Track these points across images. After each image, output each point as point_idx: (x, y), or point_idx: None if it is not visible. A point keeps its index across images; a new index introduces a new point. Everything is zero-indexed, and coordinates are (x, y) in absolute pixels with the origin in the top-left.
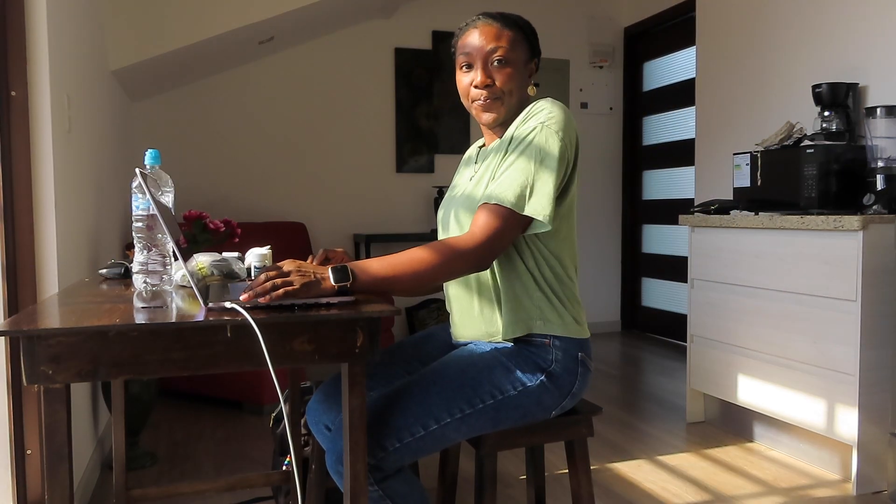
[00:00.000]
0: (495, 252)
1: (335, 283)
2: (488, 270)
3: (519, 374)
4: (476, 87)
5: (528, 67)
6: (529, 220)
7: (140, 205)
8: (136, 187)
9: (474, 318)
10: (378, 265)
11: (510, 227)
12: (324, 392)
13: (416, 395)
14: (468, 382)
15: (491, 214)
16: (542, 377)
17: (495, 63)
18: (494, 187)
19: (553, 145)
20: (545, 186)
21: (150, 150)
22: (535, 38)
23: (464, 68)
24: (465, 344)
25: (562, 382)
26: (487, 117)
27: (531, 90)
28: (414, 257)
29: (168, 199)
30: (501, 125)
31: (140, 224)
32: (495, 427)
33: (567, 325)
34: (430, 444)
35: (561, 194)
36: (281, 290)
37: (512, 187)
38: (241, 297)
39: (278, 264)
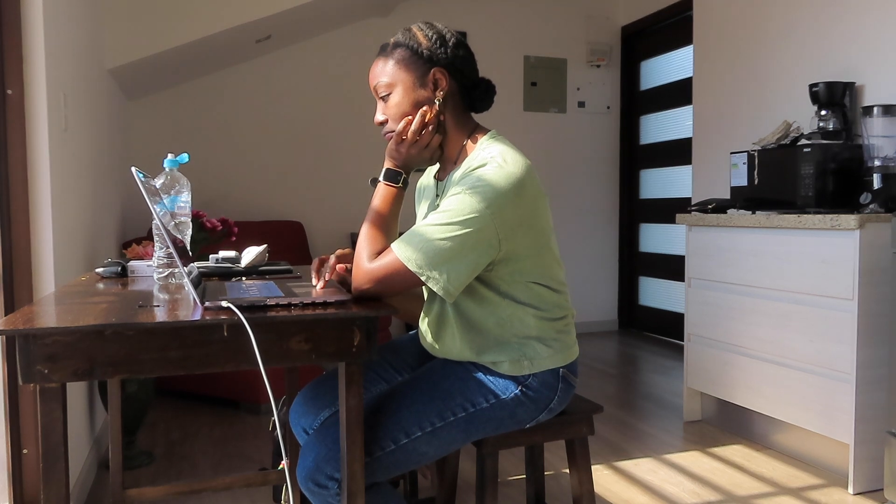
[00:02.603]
0: (385, 296)
1: (384, 179)
2: (463, 319)
3: (492, 386)
4: (377, 125)
5: (425, 81)
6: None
7: (158, 206)
8: (158, 188)
9: (453, 351)
10: (373, 208)
11: (407, 284)
12: (305, 395)
13: (386, 410)
14: (439, 395)
15: (392, 265)
16: (518, 390)
17: (384, 98)
18: (410, 236)
19: (472, 215)
20: (454, 260)
21: (170, 156)
22: (430, 46)
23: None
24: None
25: (538, 396)
26: None
27: (436, 102)
28: (361, 239)
29: (184, 198)
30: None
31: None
32: (468, 440)
33: (554, 356)
34: (402, 458)
35: (515, 251)
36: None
37: (424, 249)
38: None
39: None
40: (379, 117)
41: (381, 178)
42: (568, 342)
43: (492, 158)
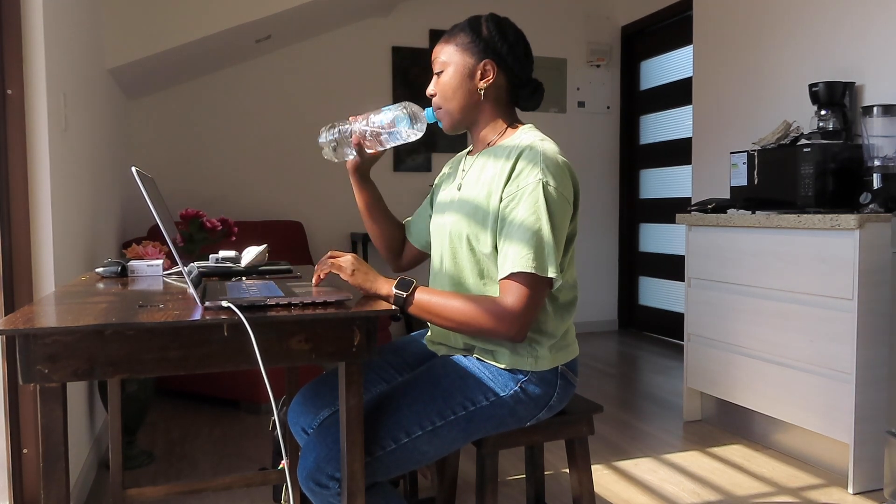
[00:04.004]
0: (532, 323)
1: (396, 288)
2: None
3: (492, 384)
4: (429, 97)
5: (474, 69)
6: (551, 280)
7: (393, 117)
8: (404, 107)
9: (458, 345)
10: (434, 299)
11: (542, 294)
12: (304, 394)
13: (387, 409)
14: (440, 394)
15: (522, 287)
16: (517, 388)
17: (437, 74)
18: (511, 256)
19: (553, 205)
20: (553, 247)
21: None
22: (490, 39)
23: None
24: (441, 345)
25: (538, 394)
26: (443, 126)
27: (481, 88)
28: (465, 309)
29: (407, 133)
30: (474, 130)
31: (377, 122)
32: (468, 439)
33: (558, 354)
34: (403, 458)
35: (567, 240)
36: (327, 269)
37: (529, 253)
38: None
39: (339, 252)
40: (430, 90)
41: (400, 304)
42: (569, 339)
43: (537, 142)
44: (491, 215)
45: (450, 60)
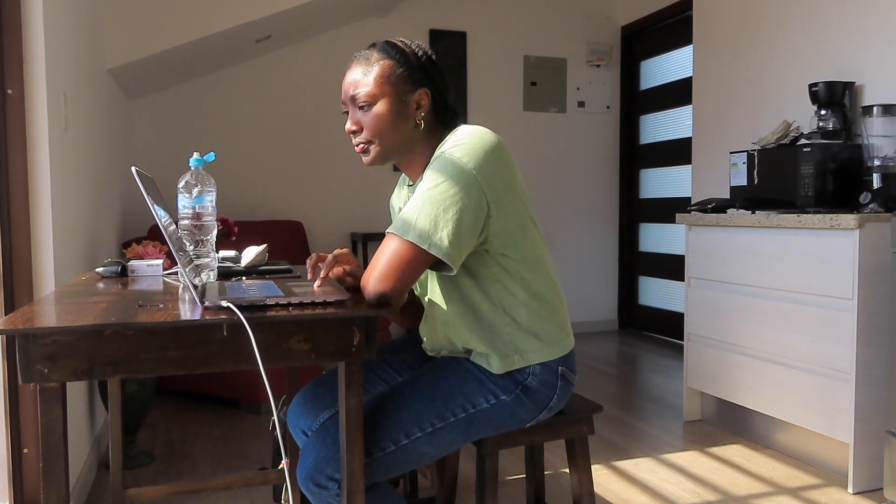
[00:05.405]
0: (400, 291)
1: None
2: (450, 312)
3: (492, 386)
4: (349, 133)
5: (408, 99)
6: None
7: (186, 203)
8: (182, 187)
9: (445, 343)
10: None
11: (415, 266)
12: (304, 396)
13: (386, 410)
14: (439, 396)
15: (395, 252)
16: (518, 391)
17: (361, 107)
18: (401, 217)
19: (455, 174)
20: (449, 222)
21: (196, 154)
22: (422, 68)
23: (345, 113)
24: (439, 351)
25: (538, 396)
26: (366, 161)
27: (419, 119)
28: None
29: (209, 198)
30: (406, 160)
31: (186, 221)
32: (468, 440)
33: (545, 349)
34: (402, 459)
35: (505, 221)
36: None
37: (415, 218)
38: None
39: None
40: (352, 126)
41: None
42: (560, 335)
43: (461, 132)
44: None
45: (380, 92)
